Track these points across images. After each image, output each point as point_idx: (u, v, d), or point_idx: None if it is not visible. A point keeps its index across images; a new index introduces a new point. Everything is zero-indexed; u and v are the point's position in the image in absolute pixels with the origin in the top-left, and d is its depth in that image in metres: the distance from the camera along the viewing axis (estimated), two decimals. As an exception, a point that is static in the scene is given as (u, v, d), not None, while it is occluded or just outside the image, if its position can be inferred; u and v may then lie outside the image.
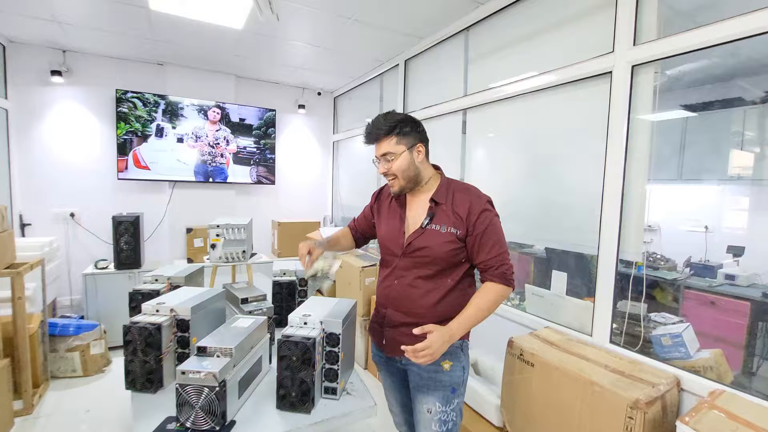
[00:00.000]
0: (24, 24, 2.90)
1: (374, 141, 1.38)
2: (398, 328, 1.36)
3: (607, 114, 1.72)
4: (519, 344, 1.69)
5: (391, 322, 1.37)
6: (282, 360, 1.27)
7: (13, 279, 2.42)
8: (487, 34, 2.48)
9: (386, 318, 1.39)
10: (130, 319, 1.41)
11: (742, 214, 3.44)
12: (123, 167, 3.58)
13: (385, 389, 1.54)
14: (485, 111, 2.50)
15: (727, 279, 2.96)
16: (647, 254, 3.45)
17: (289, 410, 1.27)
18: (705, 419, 1.19)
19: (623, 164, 1.66)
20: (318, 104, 4.67)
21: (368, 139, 1.40)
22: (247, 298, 1.79)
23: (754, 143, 3.25)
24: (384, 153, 1.35)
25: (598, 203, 1.77)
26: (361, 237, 1.63)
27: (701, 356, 1.61)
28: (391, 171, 1.35)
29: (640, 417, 1.27)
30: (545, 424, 1.55)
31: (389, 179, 1.39)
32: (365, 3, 2.40)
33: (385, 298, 1.40)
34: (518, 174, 2.32)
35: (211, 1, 2.43)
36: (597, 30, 1.80)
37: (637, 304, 1.77)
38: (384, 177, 1.41)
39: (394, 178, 1.36)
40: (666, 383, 1.40)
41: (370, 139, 1.39)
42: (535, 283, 2.28)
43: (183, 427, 1.18)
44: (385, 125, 1.34)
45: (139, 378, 1.38)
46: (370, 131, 1.37)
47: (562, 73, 1.93)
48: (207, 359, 1.22)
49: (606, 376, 1.44)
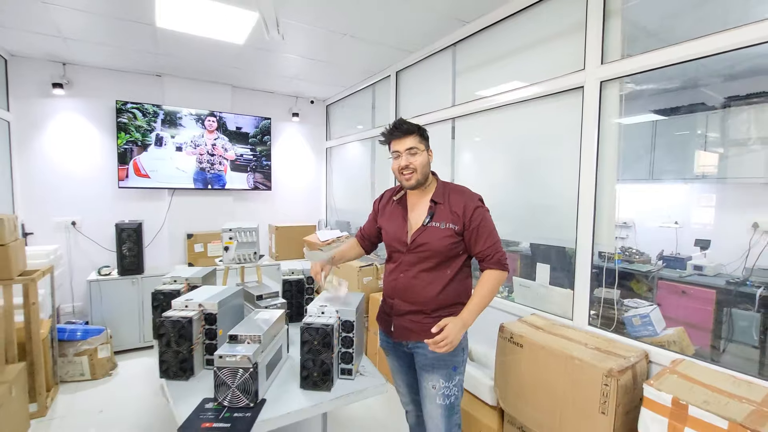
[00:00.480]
0: (26, 38, 2.99)
1: (403, 136, 1.49)
2: (405, 316, 1.53)
3: (580, 123, 1.96)
4: (509, 329, 1.90)
5: (398, 311, 1.55)
6: (304, 345, 1.44)
7: (28, 285, 2.53)
8: (473, 50, 2.70)
9: (394, 308, 1.56)
10: (163, 314, 1.55)
11: (709, 210, 3.70)
12: (124, 176, 3.68)
13: (392, 372, 1.72)
14: (472, 120, 2.72)
15: (696, 270, 3.22)
16: (624, 249, 3.72)
17: (312, 389, 1.45)
18: (666, 381, 1.41)
19: (595, 167, 1.89)
20: (311, 112, 4.84)
21: (398, 132, 1.50)
22: (261, 295, 1.95)
23: (716, 144, 3.53)
24: (409, 147, 1.48)
25: (575, 202, 2.00)
26: (369, 243, 1.80)
27: (667, 333, 1.85)
28: (413, 164, 1.48)
29: (614, 384, 1.49)
30: (534, 397, 1.75)
31: (407, 173, 1.50)
32: (359, 20, 2.59)
33: (392, 290, 1.57)
34: (504, 177, 2.55)
35: (216, 19, 2.59)
36: (570, 49, 2.04)
37: (612, 290, 2.00)
38: (399, 174, 1.52)
39: (412, 172, 1.49)
40: (636, 356, 1.63)
41: (399, 134, 1.49)
42: (521, 275, 2.50)
43: (220, 405, 1.34)
44: (411, 125, 1.51)
45: (172, 367, 1.53)
46: (399, 126, 1.50)
47: (541, 86, 2.16)
48: (239, 345, 1.38)
49: (585, 352, 1.65)
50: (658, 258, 3.60)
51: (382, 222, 1.69)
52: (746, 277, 2.91)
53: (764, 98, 3.00)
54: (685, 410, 1.31)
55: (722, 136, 3.50)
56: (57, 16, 2.59)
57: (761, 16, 1.44)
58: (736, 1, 1.65)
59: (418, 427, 1.76)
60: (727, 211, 3.48)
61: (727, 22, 1.55)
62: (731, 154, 3.37)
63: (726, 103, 3.38)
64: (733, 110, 3.33)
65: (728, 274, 3.06)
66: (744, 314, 2.77)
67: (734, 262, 3.10)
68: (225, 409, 1.32)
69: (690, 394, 1.34)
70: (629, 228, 4.01)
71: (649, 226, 3.97)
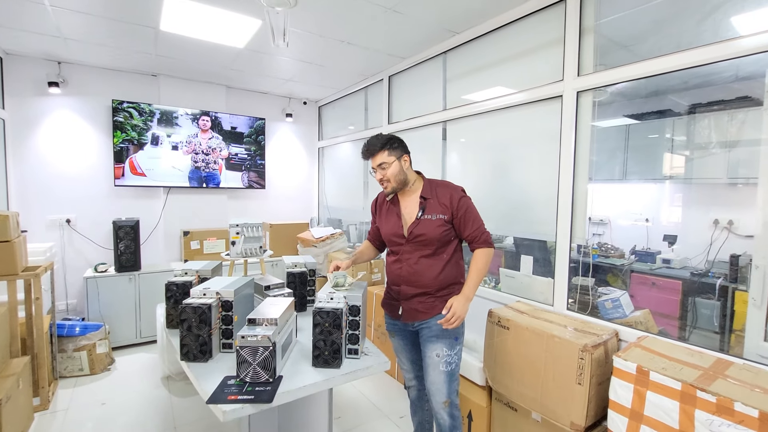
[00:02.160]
0: (23, 37, 3.03)
1: (371, 156, 1.75)
2: (412, 299, 1.75)
3: (559, 128, 2.18)
4: (497, 313, 2.10)
5: (405, 296, 1.76)
6: (316, 327, 1.60)
7: (32, 280, 2.59)
8: (462, 58, 2.90)
9: (401, 293, 1.77)
10: (183, 301, 1.68)
11: (676, 209, 3.98)
12: (120, 174, 3.74)
13: (397, 352, 1.93)
14: (462, 123, 2.92)
15: (664, 263, 3.47)
16: (600, 244, 3.97)
17: (323, 366, 1.60)
18: (632, 353, 1.63)
19: (573, 167, 2.11)
20: (304, 113, 4.97)
21: (366, 155, 1.76)
22: (269, 286, 2.09)
23: (683, 147, 3.81)
24: (379, 163, 1.74)
25: (554, 199, 2.21)
26: (379, 243, 2.00)
27: (634, 315, 2.08)
28: (386, 177, 1.74)
29: (588, 358, 1.70)
30: (519, 373, 1.96)
31: (384, 184, 1.76)
32: (354, 28, 2.75)
33: (397, 278, 1.79)
34: (490, 176, 2.75)
35: (221, 24, 2.70)
36: (551, 61, 2.26)
37: (587, 279, 2.22)
38: (380, 183, 1.78)
39: (387, 182, 1.75)
40: (608, 334, 1.85)
41: (368, 155, 1.76)
42: (507, 267, 2.71)
43: (242, 381, 1.48)
44: (378, 143, 1.74)
45: (192, 350, 1.66)
46: (367, 149, 1.75)
47: (524, 94, 2.38)
48: (257, 327, 1.53)
49: (563, 332, 1.86)
50: (630, 252, 3.86)
51: (380, 222, 1.90)
52: (708, 269, 3.16)
53: (723, 106, 3.28)
54: (647, 376, 1.52)
55: (688, 140, 3.75)
56: (60, 17, 2.66)
57: (710, 39, 1.67)
58: (688, 25, 1.89)
59: (419, 401, 1.97)
60: (692, 209, 3.71)
61: (681, 44, 1.78)
62: (696, 157, 3.59)
63: (690, 109, 3.64)
64: (697, 116, 3.58)
65: (693, 266, 3.30)
66: (706, 303, 3.02)
67: (698, 255, 3.33)
68: (247, 384, 1.46)
69: (651, 363, 1.56)
70: (605, 225, 4.27)
71: (623, 223, 4.23)
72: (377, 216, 1.93)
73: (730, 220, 3.17)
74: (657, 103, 3.84)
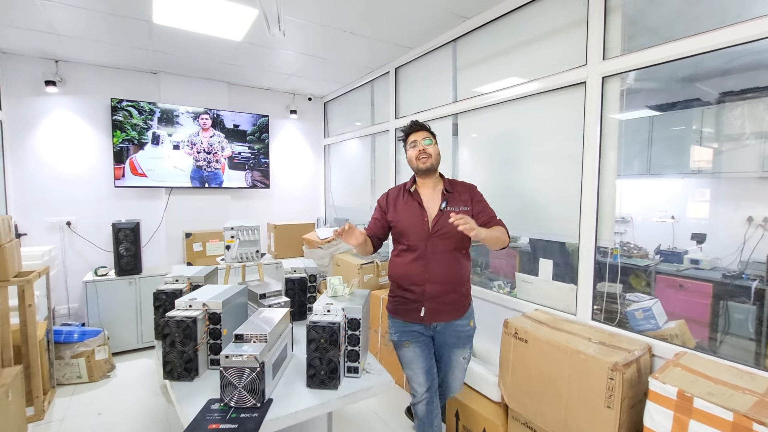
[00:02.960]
0: (17, 35, 2.93)
1: (419, 129, 1.83)
2: (437, 298, 1.72)
3: (582, 118, 1.96)
4: (513, 324, 1.91)
5: (430, 294, 1.72)
6: (311, 343, 1.43)
7: (24, 287, 2.49)
8: (474, 46, 2.70)
9: (425, 293, 1.72)
10: (167, 314, 1.53)
11: (704, 205, 3.75)
12: (120, 175, 3.64)
13: (410, 362, 1.78)
14: (474, 116, 2.72)
15: (692, 264, 3.24)
16: (622, 244, 3.74)
17: (319, 387, 1.44)
18: (671, 374, 1.43)
19: (598, 162, 1.90)
20: (309, 109, 4.82)
21: (414, 127, 1.84)
22: (265, 294, 1.94)
23: (711, 140, 3.56)
24: (424, 137, 1.80)
25: (576, 197, 2.00)
26: (376, 240, 1.86)
27: (668, 326, 1.86)
28: (428, 150, 1.77)
29: (619, 377, 1.50)
30: (539, 392, 1.76)
31: (423, 157, 1.77)
32: (358, 16, 2.57)
33: (419, 277, 1.72)
34: (505, 172, 2.55)
35: (215, 15, 2.55)
36: (572, 45, 2.04)
37: (614, 285, 2.01)
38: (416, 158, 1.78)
39: (428, 157, 1.77)
40: (640, 349, 1.64)
41: (417, 127, 1.84)
42: (522, 271, 2.51)
43: (227, 406, 1.33)
44: (423, 123, 1.87)
45: (177, 368, 1.51)
46: (416, 123, 1.85)
47: (543, 82, 2.17)
48: (245, 345, 1.37)
49: (589, 346, 1.66)
50: (655, 252, 3.63)
51: (395, 216, 1.81)
52: (742, 271, 2.93)
53: (758, 93, 3.02)
54: (690, 402, 1.32)
55: (717, 131, 3.53)
56: (50, 12, 2.54)
57: (759, 12, 1.44)
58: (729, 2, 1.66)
59: (428, 416, 1.78)
60: (722, 205, 3.49)
61: (725, 19, 1.56)
62: (726, 149, 3.39)
63: (720, 98, 3.40)
64: (728, 106, 3.35)
65: (724, 267, 3.07)
66: (740, 307, 2.80)
67: (730, 255, 3.12)
68: (231, 410, 1.31)
69: (694, 387, 1.35)
70: (627, 223, 4.03)
71: (647, 221, 4.00)
72: (391, 210, 1.84)
73: (766, 216, 2.94)
74: (683, 93, 3.61)
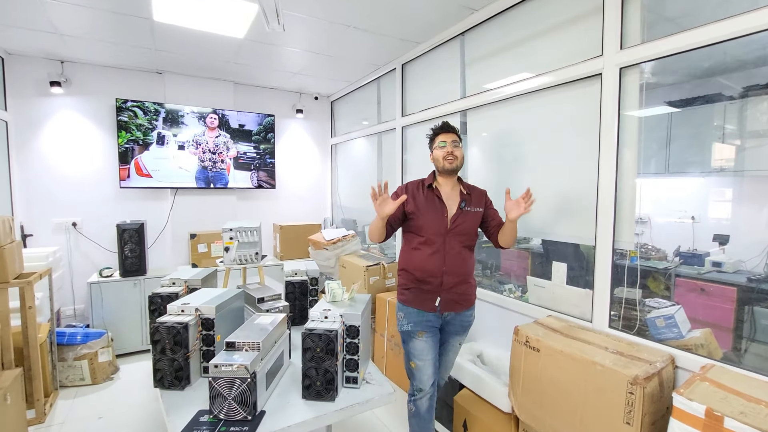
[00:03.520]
0: (22, 36, 2.93)
1: (451, 131, 1.92)
2: (452, 289, 1.83)
3: (597, 112, 1.84)
4: (524, 332, 1.79)
5: (447, 285, 1.82)
6: (306, 352, 1.35)
7: (24, 289, 2.46)
8: (483, 39, 2.59)
9: (443, 284, 1.82)
10: (157, 319, 1.47)
11: (726, 205, 3.58)
12: (125, 176, 3.62)
13: (421, 354, 1.84)
14: (483, 112, 2.60)
15: (714, 266, 3.09)
16: (639, 245, 3.59)
17: (315, 399, 1.35)
18: (697, 390, 1.30)
19: (615, 160, 1.77)
20: (315, 108, 4.75)
21: (446, 128, 1.93)
22: (263, 298, 1.86)
23: (734, 136, 3.39)
24: (453, 140, 1.89)
25: (591, 196, 1.88)
26: (390, 228, 1.86)
27: (692, 335, 1.73)
28: (456, 153, 1.87)
29: (640, 392, 1.38)
30: (552, 405, 1.65)
31: (450, 158, 1.87)
32: (362, 11, 2.49)
33: (437, 269, 1.82)
34: (515, 170, 2.43)
35: (215, 12, 2.50)
36: (586, 35, 1.92)
37: (633, 290, 1.88)
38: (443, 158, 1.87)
39: (454, 159, 1.87)
40: (662, 361, 1.51)
41: (448, 128, 1.93)
42: (534, 275, 2.39)
43: (216, 419, 1.25)
44: (454, 127, 1.95)
45: (167, 376, 1.44)
46: (447, 124, 1.95)
47: (555, 75, 2.05)
48: (236, 353, 1.29)
49: (607, 357, 1.54)
50: (674, 254, 3.47)
51: (415, 209, 1.88)
52: (768, 274, 2.78)
53: (785, 87, 2.86)
54: (720, 422, 1.19)
55: (740, 127, 3.38)
56: (52, 12, 2.52)
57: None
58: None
59: (428, 412, 1.86)
60: (745, 205, 3.34)
61: (757, 1, 1.43)
62: (750, 146, 3.24)
63: (744, 93, 3.25)
64: (752, 100, 3.20)
65: (749, 270, 2.92)
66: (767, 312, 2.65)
67: (755, 258, 2.97)
68: (221, 423, 1.23)
69: (725, 405, 1.23)
70: (644, 224, 3.87)
71: (665, 222, 3.84)
72: (412, 205, 1.89)
73: (794, 216, 2.78)
74: (704, 88, 3.44)
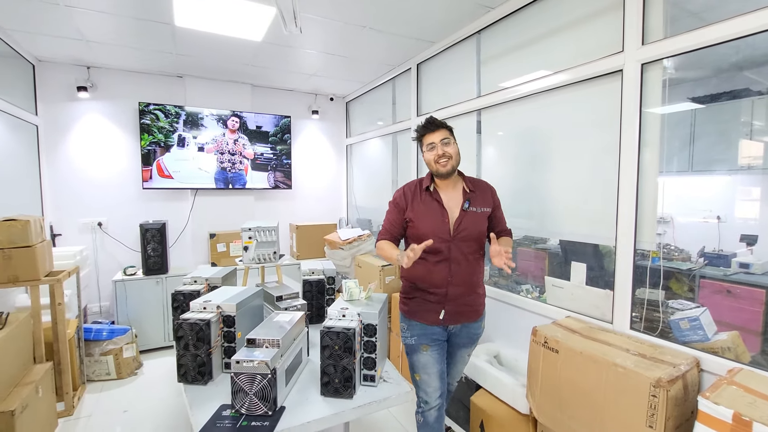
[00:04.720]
0: (51, 43, 3.05)
1: (436, 128, 1.69)
2: (457, 300, 1.69)
3: (618, 110, 1.81)
4: (543, 333, 1.77)
5: (452, 296, 1.68)
6: (325, 349, 1.37)
7: (54, 286, 2.56)
8: (499, 37, 2.57)
9: (448, 295, 1.67)
10: (181, 316, 1.51)
11: (754, 204, 3.45)
12: (147, 177, 3.72)
13: (426, 367, 1.72)
14: (499, 111, 2.58)
15: (742, 267, 2.97)
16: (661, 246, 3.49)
17: (333, 396, 1.37)
18: (724, 394, 1.26)
19: (637, 158, 1.74)
20: (331, 109, 4.79)
21: (432, 126, 1.69)
22: (281, 296, 1.89)
23: (763, 133, 3.27)
24: (443, 138, 1.67)
25: (612, 196, 1.85)
26: (396, 243, 1.80)
27: (719, 338, 1.68)
28: (448, 152, 1.66)
29: (663, 395, 1.35)
30: (572, 407, 1.62)
31: (443, 160, 1.66)
32: (378, 11, 2.50)
33: (442, 280, 1.67)
34: (533, 170, 2.40)
35: (234, 16, 2.55)
36: (605, 31, 1.89)
37: (655, 291, 1.84)
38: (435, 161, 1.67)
39: (448, 159, 1.66)
40: (686, 364, 1.48)
41: (433, 127, 1.69)
42: (552, 275, 2.36)
43: (238, 413, 1.28)
44: (440, 121, 1.71)
45: (190, 371, 1.48)
46: (432, 122, 1.70)
47: (574, 72, 2.02)
48: (257, 350, 1.32)
49: (628, 359, 1.51)
50: (699, 255, 3.37)
51: (414, 216, 1.71)
52: (800, 276, 2.67)
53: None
54: (749, 427, 1.16)
55: (770, 123, 3.25)
56: (79, 20, 2.62)
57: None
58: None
59: (437, 422, 1.77)
60: (774, 204, 3.26)
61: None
62: None
63: (773, 87, 3.12)
64: (782, 95, 3.08)
65: (779, 272, 2.84)
66: (798, 316, 2.54)
67: (785, 259, 2.86)
68: (242, 417, 1.26)
69: (753, 409, 1.19)
70: (666, 223, 3.77)
71: (688, 221, 3.73)
72: (410, 212, 1.73)
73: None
74: (730, 83, 3.33)
